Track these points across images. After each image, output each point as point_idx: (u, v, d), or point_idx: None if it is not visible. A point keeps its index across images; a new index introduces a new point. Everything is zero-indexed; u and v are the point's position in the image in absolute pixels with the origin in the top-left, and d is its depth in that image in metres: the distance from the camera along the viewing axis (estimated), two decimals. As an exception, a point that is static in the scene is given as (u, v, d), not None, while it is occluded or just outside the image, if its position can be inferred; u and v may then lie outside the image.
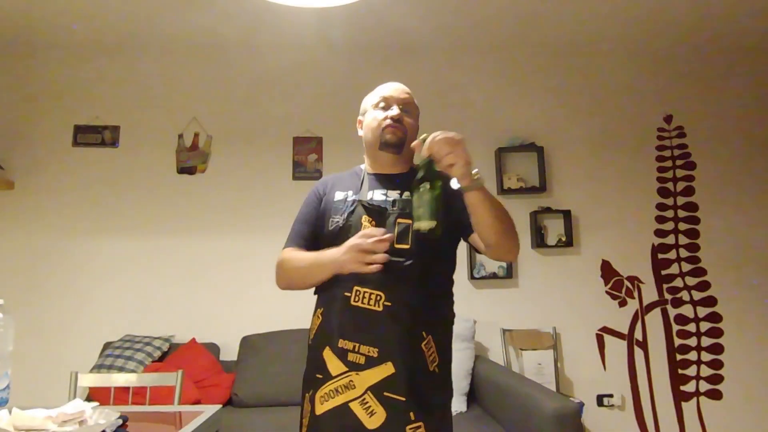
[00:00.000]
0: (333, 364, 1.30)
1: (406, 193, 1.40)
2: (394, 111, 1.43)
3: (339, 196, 1.47)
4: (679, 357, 3.37)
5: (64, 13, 3.12)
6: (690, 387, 3.34)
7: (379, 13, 3.09)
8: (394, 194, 1.42)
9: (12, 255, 3.27)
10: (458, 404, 2.77)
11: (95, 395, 2.61)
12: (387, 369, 1.27)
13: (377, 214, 1.37)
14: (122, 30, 3.33)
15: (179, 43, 3.49)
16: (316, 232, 1.48)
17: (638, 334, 3.39)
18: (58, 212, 3.33)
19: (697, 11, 3.19)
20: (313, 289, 1.46)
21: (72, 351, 3.14)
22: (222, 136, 3.49)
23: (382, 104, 1.47)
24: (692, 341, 3.39)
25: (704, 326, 3.41)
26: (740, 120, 3.62)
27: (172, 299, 3.28)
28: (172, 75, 3.54)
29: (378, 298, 1.30)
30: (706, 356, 3.38)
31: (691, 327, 3.41)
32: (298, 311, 3.19)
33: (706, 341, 3.39)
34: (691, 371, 3.36)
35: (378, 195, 1.43)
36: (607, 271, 3.45)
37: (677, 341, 3.39)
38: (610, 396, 3.29)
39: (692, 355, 3.38)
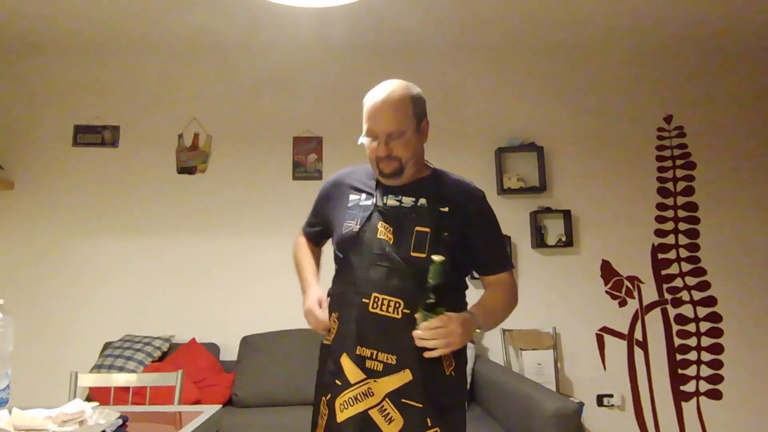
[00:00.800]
0: (351, 371, 1.31)
1: (422, 200, 1.39)
2: (381, 150, 1.36)
3: (353, 198, 1.45)
4: (679, 357, 3.37)
5: (64, 13, 3.11)
6: (690, 387, 3.34)
7: (379, 13, 3.09)
8: (408, 200, 1.40)
9: (12, 255, 3.27)
10: (458, 404, 2.77)
11: (95, 395, 2.61)
12: (405, 376, 1.28)
13: (394, 220, 1.37)
14: (122, 30, 3.33)
15: (179, 43, 3.49)
16: (322, 226, 1.58)
17: (638, 334, 3.39)
18: (58, 212, 3.34)
19: (697, 11, 3.18)
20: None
21: (72, 351, 3.14)
22: (222, 136, 3.49)
23: (369, 136, 1.38)
24: (692, 341, 3.39)
25: (704, 326, 3.41)
26: (740, 120, 3.62)
27: (172, 299, 3.28)
28: (172, 75, 3.54)
29: (397, 305, 1.30)
30: (706, 356, 3.38)
31: (691, 327, 3.41)
32: (298, 311, 3.19)
33: (706, 341, 3.39)
34: (691, 371, 3.36)
35: (392, 200, 1.41)
36: (607, 271, 3.45)
37: (677, 341, 3.39)
38: (610, 396, 3.29)
39: (692, 355, 3.38)
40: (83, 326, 3.21)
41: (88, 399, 2.62)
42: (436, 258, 1.25)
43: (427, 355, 1.25)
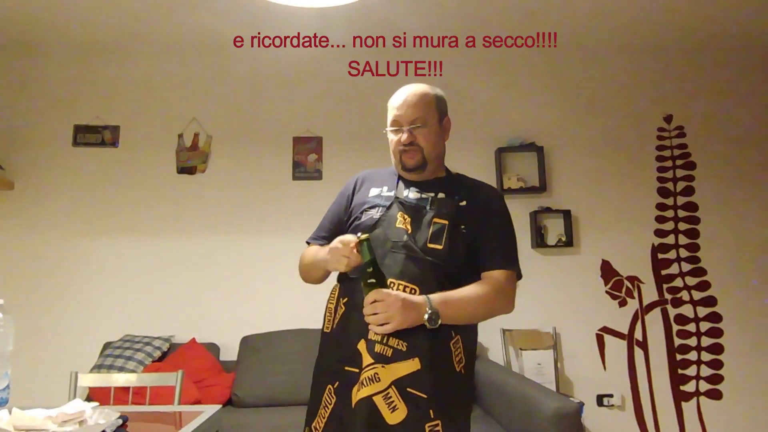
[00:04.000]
0: (364, 356, 1.29)
1: (441, 194, 1.43)
2: (404, 136, 1.42)
3: (374, 191, 1.49)
4: (679, 357, 3.37)
5: (64, 13, 3.12)
6: (690, 387, 3.34)
7: (379, 13, 3.09)
8: (428, 194, 1.44)
9: (12, 255, 3.27)
10: (458, 404, 2.77)
11: (95, 395, 2.61)
12: (414, 365, 1.27)
13: (414, 211, 1.39)
14: (122, 30, 3.33)
15: (179, 43, 3.49)
16: (338, 228, 1.52)
17: (638, 334, 3.39)
18: (58, 212, 3.33)
19: (697, 11, 3.19)
20: (328, 278, 1.51)
21: (72, 351, 3.14)
22: (222, 136, 3.49)
23: (394, 127, 1.46)
24: (692, 341, 3.39)
25: (704, 326, 3.41)
26: (740, 120, 3.62)
27: (172, 299, 3.28)
28: (172, 75, 3.54)
29: (412, 291, 1.30)
30: (706, 356, 3.38)
31: (691, 327, 3.41)
32: (298, 311, 3.19)
33: (706, 341, 3.39)
34: (691, 371, 3.36)
35: (413, 193, 1.45)
36: (607, 271, 3.45)
37: (677, 341, 3.39)
38: (610, 396, 3.29)
39: (692, 355, 3.38)
40: (83, 326, 3.21)
41: (88, 399, 2.62)
42: (361, 236, 1.27)
43: (377, 330, 1.26)
